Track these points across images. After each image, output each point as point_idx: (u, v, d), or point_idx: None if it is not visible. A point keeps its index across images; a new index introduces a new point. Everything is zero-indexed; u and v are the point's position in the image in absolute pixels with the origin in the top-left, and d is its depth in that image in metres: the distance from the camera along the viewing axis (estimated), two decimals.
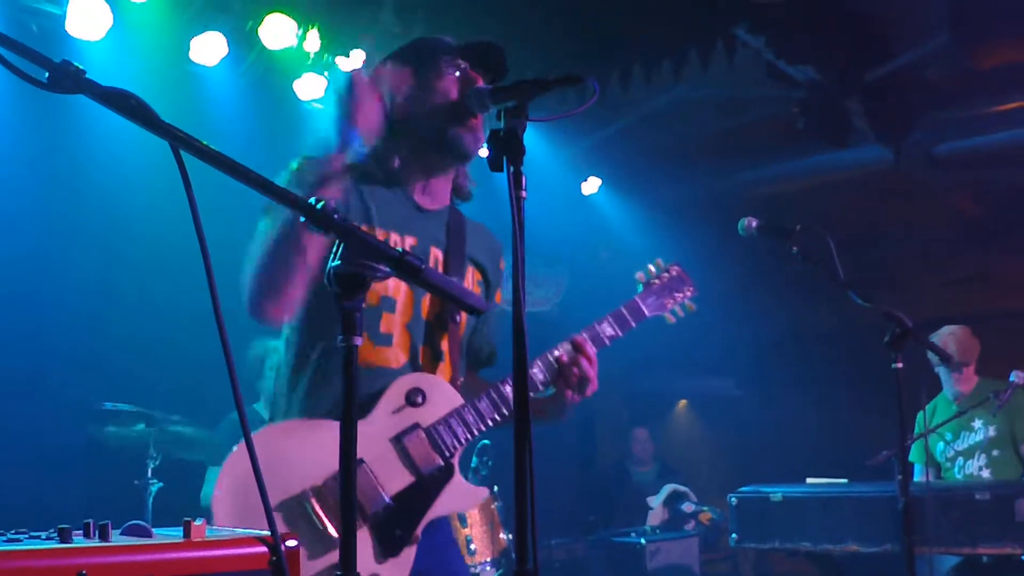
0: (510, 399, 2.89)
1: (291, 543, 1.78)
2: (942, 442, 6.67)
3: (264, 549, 1.75)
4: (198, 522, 1.72)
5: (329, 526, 2.64)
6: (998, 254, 9.75)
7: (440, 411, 2.84)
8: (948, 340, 6.73)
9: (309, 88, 6.73)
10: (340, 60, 6.63)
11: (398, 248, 1.90)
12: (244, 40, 6.41)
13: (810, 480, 6.46)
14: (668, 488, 8.86)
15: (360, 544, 2.62)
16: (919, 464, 6.74)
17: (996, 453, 6.52)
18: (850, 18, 7.01)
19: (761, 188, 9.26)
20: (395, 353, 2.85)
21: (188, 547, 1.69)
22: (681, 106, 8.01)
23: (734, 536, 6.28)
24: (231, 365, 1.80)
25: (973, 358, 6.75)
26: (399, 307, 2.85)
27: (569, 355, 2.97)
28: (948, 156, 8.43)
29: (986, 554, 5.50)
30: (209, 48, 6.26)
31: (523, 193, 2.15)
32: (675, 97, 7.75)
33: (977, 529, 5.50)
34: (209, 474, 6.37)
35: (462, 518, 5.48)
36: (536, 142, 8.22)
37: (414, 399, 2.81)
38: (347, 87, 2.73)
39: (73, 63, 1.65)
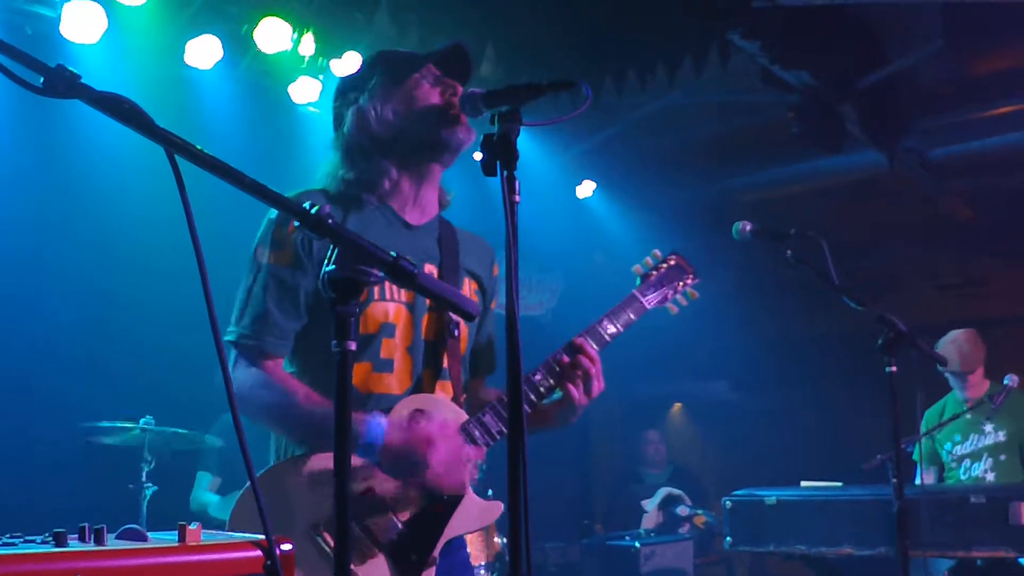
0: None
1: (286, 547, 1.79)
2: (950, 443, 6.66)
3: (259, 553, 1.75)
4: (193, 526, 1.72)
5: None
6: (992, 259, 9.77)
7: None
8: (950, 347, 6.70)
9: (304, 91, 6.74)
10: (335, 63, 6.64)
11: (391, 252, 1.90)
12: (239, 43, 6.40)
13: (804, 483, 6.46)
14: (663, 491, 8.86)
15: (377, 571, 2.63)
16: (923, 463, 6.73)
17: (1003, 458, 6.52)
18: (844, 24, 7.02)
19: (756, 193, 9.27)
20: (398, 379, 2.84)
21: (183, 551, 1.68)
22: (676, 111, 8.02)
23: (728, 539, 6.27)
24: (225, 369, 1.81)
25: (977, 364, 6.72)
26: (399, 332, 2.85)
27: (571, 356, 2.94)
28: (942, 161, 8.44)
29: (980, 557, 5.50)
30: (204, 51, 6.26)
31: (517, 198, 2.16)
32: (670, 102, 7.76)
33: (971, 532, 5.50)
34: (199, 479, 6.37)
35: None
36: (531, 146, 8.22)
37: (414, 419, 2.80)
38: None
39: (68, 68, 1.65)
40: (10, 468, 5.51)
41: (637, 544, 7.70)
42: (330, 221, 1.84)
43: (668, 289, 3.28)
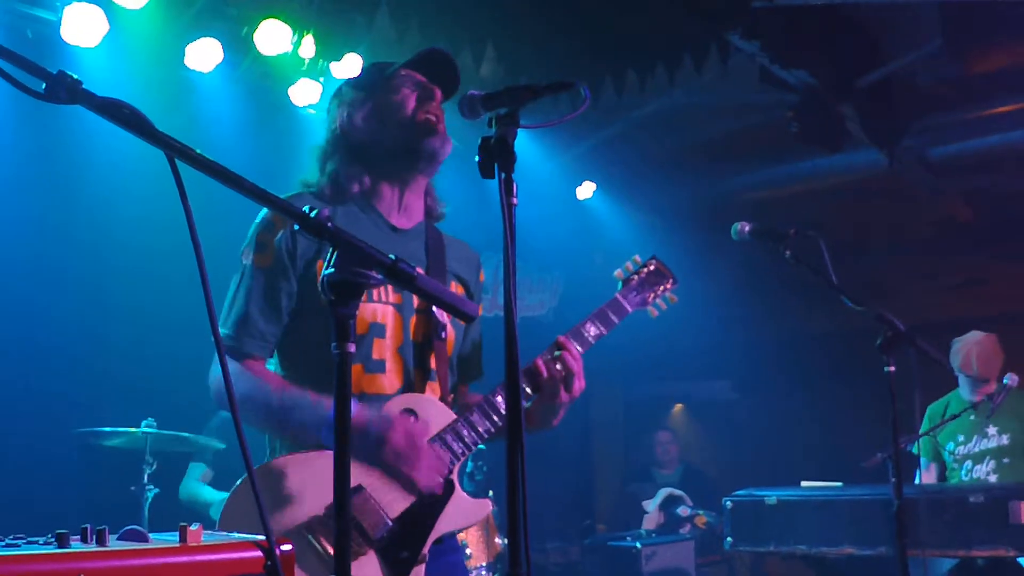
0: (501, 408, 2.90)
1: (286, 547, 1.80)
2: (952, 442, 6.63)
3: (259, 553, 1.76)
4: (194, 527, 1.74)
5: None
6: (991, 258, 9.77)
7: (434, 428, 2.85)
8: (973, 348, 6.63)
9: (304, 94, 6.75)
10: (335, 66, 6.65)
11: (391, 255, 1.91)
12: (239, 46, 6.41)
13: (804, 483, 6.47)
14: (664, 492, 8.88)
15: (368, 568, 2.65)
16: (924, 458, 6.71)
17: (1007, 461, 6.48)
18: (843, 24, 7.03)
19: (755, 193, 9.28)
20: (389, 379, 2.87)
21: (184, 551, 1.70)
22: (676, 111, 8.03)
23: (729, 540, 6.28)
24: (226, 371, 1.82)
25: (995, 373, 6.56)
26: (389, 332, 2.88)
27: (552, 355, 2.97)
28: (941, 160, 8.45)
29: (981, 556, 5.51)
30: (204, 54, 6.27)
31: (514, 200, 2.17)
32: (669, 102, 7.77)
33: (971, 531, 5.51)
34: (191, 469, 6.37)
35: None
36: (531, 147, 8.24)
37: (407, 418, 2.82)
38: None
39: (69, 74, 1.66)
40: (12, 471, 5.51)
41: (638, 544, 7.71)
42: (329, 224, 1.86)
43: (648, 293, 3.36)
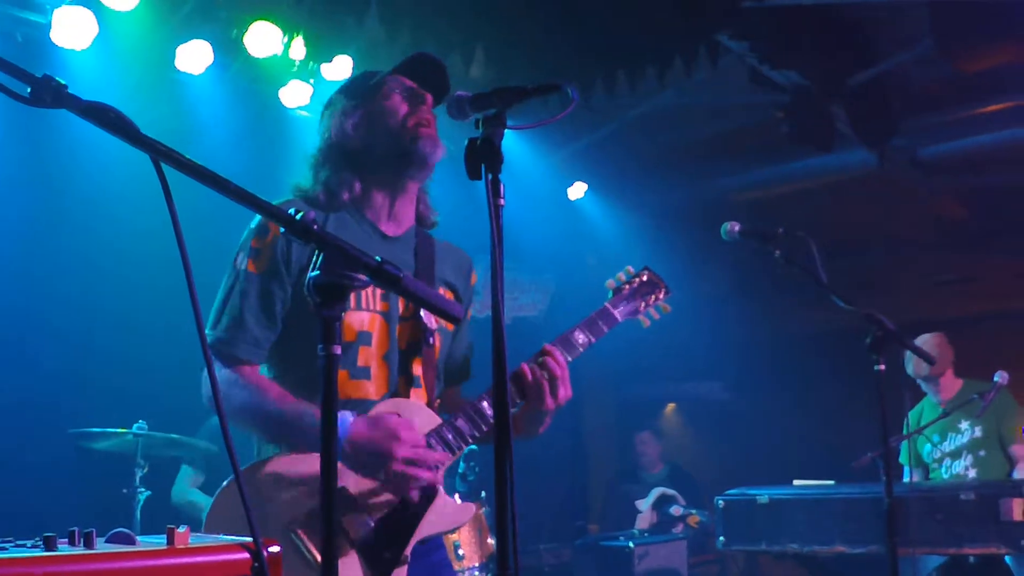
0: (487, 414, 2.90)
1: (273, 549, 1.80)
2: (929, 444, 6.69)
3: (246, 555, 1.77)
4: (181, 529, 1.74)
5: (317, 555, 2.64)
6: (982, 257, 9.80)
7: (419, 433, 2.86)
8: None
9: (295, 96, 6.74)
10: (325, 67, 6.65)
11: (376, 257, 1.92)
12: (230, 48, 6.40)
13: (796, 482, 6.49)
14: (656, 491, 8.88)
15: (350, 569, 2.65)
16: (907, 465, 6.78)
17: (982, 453, 6.55)
18: (833, 23, 7.04)
19: (746, 193, 9.30)
20: (375, 385, 2.87)
21: (171, 554, 1.70)
22: (666, 112, 8.04)
23: (721, 539, 6.30)
24: (212, 374, 1.83)
25: (946, 367, 6.76)
26: (375, 340, 2.88)
27: (537, 361, 2.96)
28: (932, 160, 8.47)
29: (971, 554, 5.53)
30: (195, 56, 6.26)
31: (501, 201, 2.17)
32: (660, 103, 7.78)
33: (962, 529, 5.53)
34: (183, 472, 6.38)
35: None
36: (521, 147, 8.24)
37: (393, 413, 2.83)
38: None
39: (55, 78, 1.66)
40: (4, 474, 5.51)
41: (631, 544, 7.71)
42: (315, 227, 1.86)
43: (640, 302, 3.36)
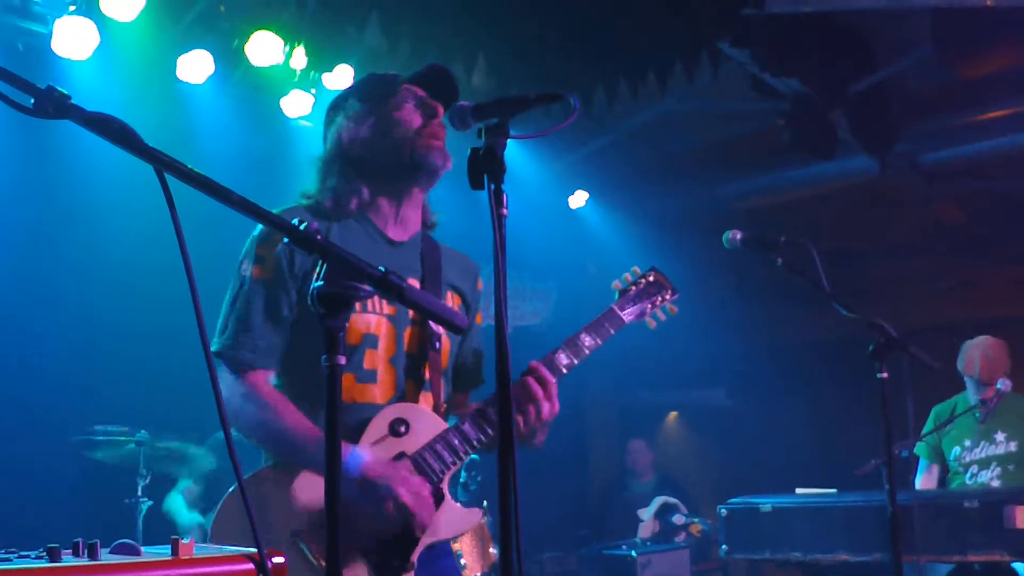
0: (494, 420, 2.89)
1: (277, 560, 1.80)
2: (959, 447, 6.62)
3: (251, 566, 1.76)
4: (186, 540, 1.74)
5: (322, 564, 2.66)
6: (983, 263, 9.80)
7: (424, 438, 2.86)
8: (975, 351, 6.65)
9: (296, 105, 6.75)
10: (327, 77, 6.65)
11: (380, 267, 1.91)
12: (231, 58, 6.42)
13: (799, 490, 6.47)
14: (659, 500, 8.87)
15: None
16: (924, 460, 6.71)
17: (1012, 468, 6.47)
18: (834, 31, 7.04)
19: (748, 200, 9.30)
20: (381, 389, 2.88)
21: (176, 564, 1.70)
22: (667, 120, 8.04)
23: (724, 547, 6.28)
24: (216, 384, 1.83)
25: (999, 375, 6.57)
26: (381, 343, 2.89)
27: (520, 382, 2.93)
28: (933, 166, 8.47)
29: (976, 562, 5.51)
30: (196, 66, 6.27)
31: (504, 211, 2.17)
32: (661, 111, 7.79)
33: (966, 537, 5.50)
34: (180, 484, 6.39)
35: None
36: (523, 156, 8.24)
37: (397, 429, 2.83)
38: None
39: (58, 88, 1.67)
40: (6, 484, 5.51)
41: (634, 553, 7.71)
42: (318, 237, 1.86)
43: (647, 303, 3.34)
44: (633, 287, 3.34)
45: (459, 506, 2.90)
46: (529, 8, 6.35)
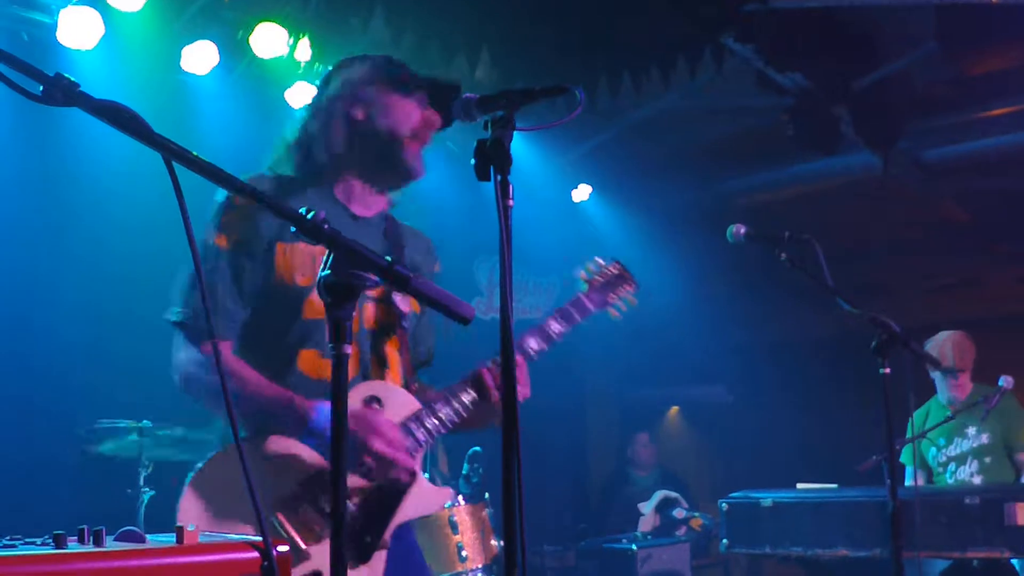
0: (466, 402, 2.95)
1: (282, 548, 1.81)
2: (934, 447, 6.66)
3: (256, 554, 1.77)
4: (191, 528, 1.75)
5: (297, 538, 2.68)
6: (986, 260, 9.80)
7: (398, 416, 2.88)
8: (946, 344, 6.69)
9: (300, 97, 6.74)
10: None
11: (387, 257, 1.92)
12: (235, 49, 6.42)
13: (800, 485, 6.48)
14: (659, 494, 8.88)
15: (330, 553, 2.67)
16: (910, 467, 6.75)
17: (988, 460, 6.50)
18: (838, 26, 7.04)
19: (751, 196, 9.30)
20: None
21: (181, 552, 1.71)
22: (671, 115, 8.04)
23: (725, 542, 6.29)
24: (222, 371, 1.83)
25: (969, 364, 6.71)
26: None
27: (495, 363, 2.98)
28: (936, 163, 8.47)
29: (976, 558, 5.52)
30: (200, 57, 6.28)
31: (510, 202, 2.18)
32: (665, 106, 7.79)
33: (966, 533, 5.52)
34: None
35: (453, 525, 5.49)
36: (527, 150, 8.24)
37: (370, 406, 2.84)
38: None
39: (66, 76, 1.67)
40: (9, 473, 5.51)
41: (634, 547, 7.72)
42: (326, 227, 1.87)
43: (610, 295, 3.45)
44: (598, 278, 3.45)
45: (430, 485, 2.93)
46: (533, 2, 6.35)
